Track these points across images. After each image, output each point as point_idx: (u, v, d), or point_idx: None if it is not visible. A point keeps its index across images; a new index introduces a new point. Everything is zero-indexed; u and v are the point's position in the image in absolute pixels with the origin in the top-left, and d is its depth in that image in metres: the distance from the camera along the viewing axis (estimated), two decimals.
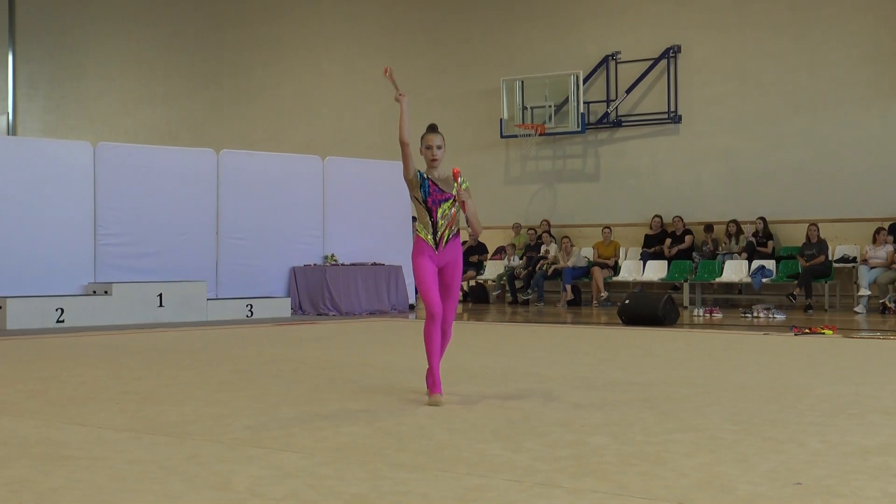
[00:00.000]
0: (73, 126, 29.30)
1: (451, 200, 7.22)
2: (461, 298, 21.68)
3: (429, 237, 7.23)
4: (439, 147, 7.30)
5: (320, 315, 17.46)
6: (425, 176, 7.24)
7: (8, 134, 30.98)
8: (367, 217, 19.11)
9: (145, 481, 4.91)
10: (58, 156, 16.46)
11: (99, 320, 15.35)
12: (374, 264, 18.72)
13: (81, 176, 16.30)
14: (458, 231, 7.44)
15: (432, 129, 7.38)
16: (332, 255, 18.40)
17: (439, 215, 7.21)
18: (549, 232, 21.49)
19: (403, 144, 7.27)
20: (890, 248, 17.71)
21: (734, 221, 19.76)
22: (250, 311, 16.78)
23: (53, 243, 15.80)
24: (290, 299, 17.74)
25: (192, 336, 13.55)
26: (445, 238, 7.24)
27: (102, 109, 29.66)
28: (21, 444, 5.86)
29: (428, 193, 7.21)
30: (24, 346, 12.24)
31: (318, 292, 17.81)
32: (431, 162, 7.26)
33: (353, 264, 18.51)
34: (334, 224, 18.68)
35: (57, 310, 15.16)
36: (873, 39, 18.73)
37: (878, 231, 17.98)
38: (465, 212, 7.32)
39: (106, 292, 15.76)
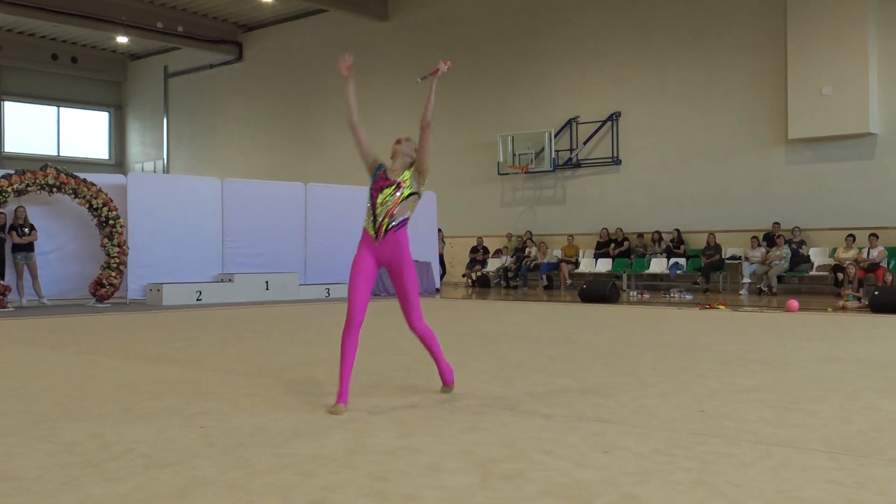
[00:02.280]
0: (207, 167, 29.39)
1: (393, 186, 5.26)
2: (469, 284, 21.74)
3: (370, 227, 5.23)
4: (406, 140, 5.61)
5: (376, 295, 17.51)
6: (383, 165, 5.47)
7: (164, 172, 31.13)
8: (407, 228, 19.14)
9: (257, 408, 4.98)
10: (197, 187, 16.54)
11: (225, 299, 15.45)
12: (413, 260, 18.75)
13: (213, 201, 16.40)
14: (404, 223, 5.28)
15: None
16: None
17: (378, 201, 5.20)
18: (531, 239, 21.51)
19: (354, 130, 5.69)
20: (763, 250, 17.72)
21: (657, 231, 19.76)
22: (328, 292, 16.84)
23: (195, 246, 15.91)
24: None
25: (288, 310, 13.63)
26: (384, 227, 5.17)
27: (227, 155, 29.76)
28: (172, 383, 5.95)
29: (374, 181, 5.35)
30: (174, 317, 12.34)
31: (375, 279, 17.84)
32: (393, 153, 5.55)
33: None
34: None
35: (197, 291, 15.25)
36: (752, 107, 18.71)
37: (753, 238, 18.00)
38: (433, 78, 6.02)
39: (230, 280, 15.85)
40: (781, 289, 17.54)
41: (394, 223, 5.21)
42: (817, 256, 17.64)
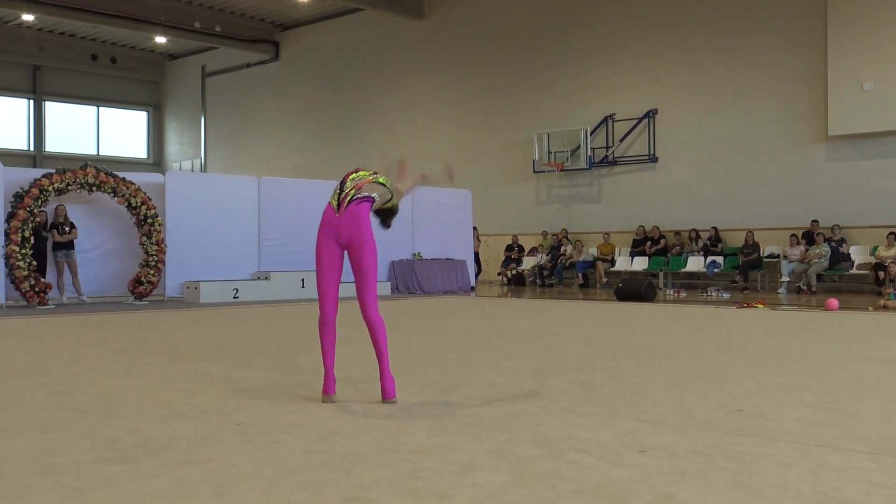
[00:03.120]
0: (244, 166, 29.59)
1: (371, 172, 5.25)
2: (504, 282, 21.71)
3: (334, 200, 5.09)
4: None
5: (410, 293, 17.55)
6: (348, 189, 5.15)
7: (201, 171, 31.42)
8: (442, 227, 19.17)
9: (293, 405, 5.00)
10: (234, 186, 16.67)
11: (261, 297, 15.55)
12: (447, 259, 18.78)
13: (250, 200, 16.52)
14: (368, 200, 5.07)
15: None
16: (419, 253, 18.47)
17: (350, 177, 5.16)
18: (566, 237, 21.44)
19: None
20: (802, 248, 17.54)
21: (694, 230, 19.61)
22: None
23: (232, 244, 16.03)
24: (390, 283, 17.84)
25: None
26: (349, 198, 5.02)
27: (263, 155, 29.97)
28: (209, 380, 6.00)
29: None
30: (212, 314, 12.44)
31: (410, 277, 17.90)
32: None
33: (433, 259, 18.58)
34: (419, 231, 18.76)
35: (234, 289, 15.36)
36: (792, 104, 18.51)
37: (792, 236, 17.82)
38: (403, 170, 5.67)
39: (266, 277, 15.94)
40: (821, 287, 17.34)
41: (358, 195, 5.06)
42: (858, 255, 17.43)
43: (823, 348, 7.73)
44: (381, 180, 5.24)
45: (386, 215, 5.50)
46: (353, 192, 5.07)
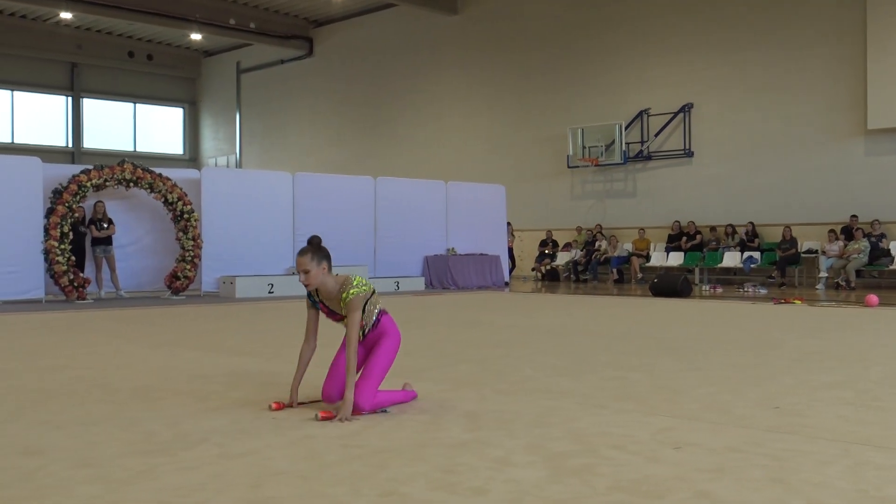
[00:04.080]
0: (279, 162, 29.79)
1: (342, 321, 4.70)
2: (538, 278, 21.67)
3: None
4: (306, 271, 4.58)
5: (444, 289, 17.57)
6: (316, 299, 4.81)
7: (236, 167, 31.64)
8: (476, 222, 19.17)
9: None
10: (269, 182, 16.78)
11: (296, 292, 15.57)
12: (481, 254, 18.77)
13: (285, 195, 16.62)
14: (379, 318, 4.73)
15: (301, 251, 4.61)
16: (453, 248, 18.48)
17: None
18: (601, 232, 21.36)
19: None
20: (841, 243, 17.35)
21: (730, 225, 19.44)
22: (397, 286, 16.94)
23: (267, 240, 16.13)
24: (423, 278, 17.87)
25: None
26: (364, 332, 4.72)
27: (297, 150, 30.12)
28: (245, 374, 6.04)
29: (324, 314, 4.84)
30: (247, 309, 12.53)
31: (444, 273, 17.92)
32: (306, 286, 4.71)
33: (466, 254, 18.58)
34: (453, 227, 18.77)
35: (269, 284, 15.47)
36: (830, 97, 18.29)
37: (831, 231, 17.62)
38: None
39: None
40: (860, 283, 17.13)
41: (368, 328, 4.74)
42: None
43: (863, 345, 7.63)
44: (356, 317, 4.61)
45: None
46: (365, 328, 4.72)
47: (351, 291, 4.59)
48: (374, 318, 4.74)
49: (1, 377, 5.94)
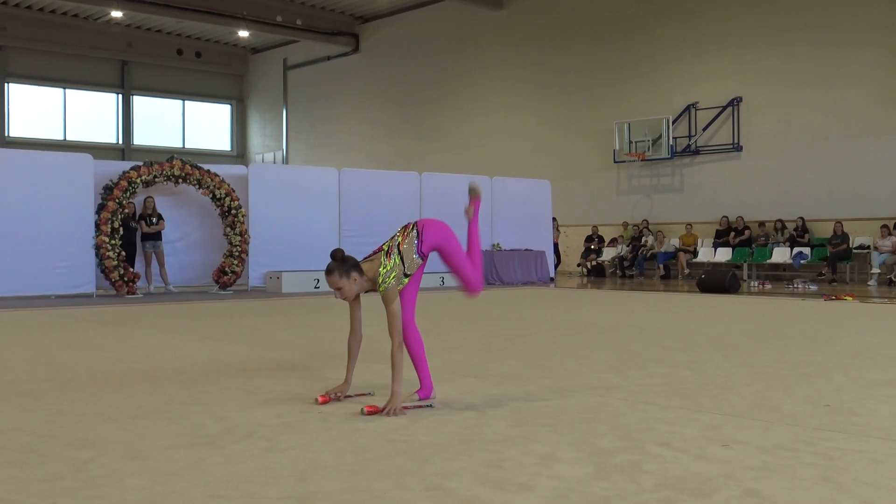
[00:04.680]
0: (325, 157, 29.97)
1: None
2: (584, 273, 21.59)
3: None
4: (338, 288, 4.56)
5: (489, 284, 17.54)
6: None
7: (283, 163, 31.89)
8: (521, 218, 19.12)
9: (374, 394, 5.04)
10: (315, 177, 16.87)
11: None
12: (526, 250, 18.72)
13: (331, 191, 16.70)
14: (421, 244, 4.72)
15: (327, 270, 4.58)
16: (498, 244, 18.45)
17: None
18: (647, 227, 21.21)
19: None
20: (893, 239, 17.06)
21: (780, 220, 19.19)
22: (442, 281, 16.94)
23: (313, 235, 16.20)
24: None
25: None
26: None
27: (344, 146, 30.28)
28: (291, 368, 6.09)
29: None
30: (293, 304, 12.63)
31: (489, 268, 17.89)
32: (345, 300, 4.68)
33: (512, 249, 18.54)
34: (498, 222, 18.73)
35: (315, 279, 15.56)
36: (884, 89, 17.96)
37: (883, 227, 17.33)
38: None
39: None
40: None
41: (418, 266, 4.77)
42: None
43: None
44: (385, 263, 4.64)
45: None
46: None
47: (381, 288, 4.58)
48: (415, 256, 4.69)
49: (55, 370, 6.05)
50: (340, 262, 4.57)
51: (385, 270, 4.60)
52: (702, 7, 20.82)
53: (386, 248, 4.69)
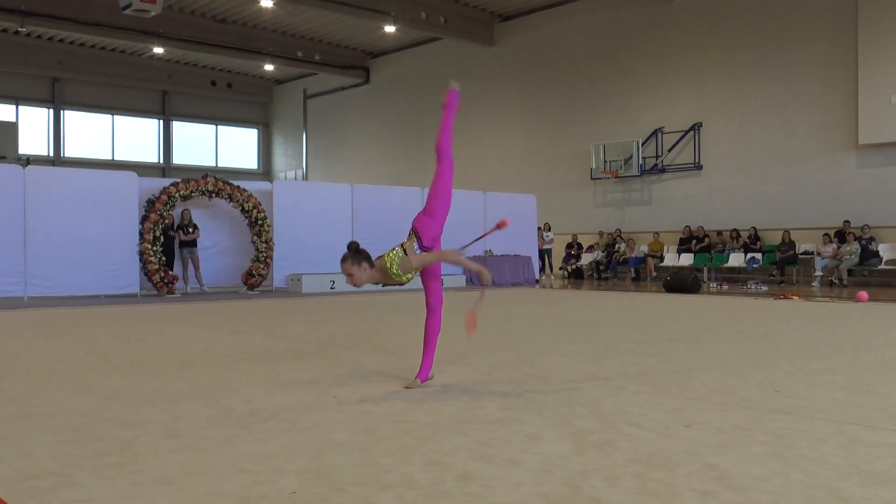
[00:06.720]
0: (340, 175, 29.97)
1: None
2: (565, 276, 21.57)
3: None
4: (350, 274, 4.56)
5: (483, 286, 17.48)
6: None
7: (303, 179, 31.86)
8: (510, 228, 19.05)
9: (382, 381, 5.03)
10: (331, 193, 16.86)
11: (355, 288, 15.66)
12: (515, 255, 18.70)
13: (345, 204, 16.70)
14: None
15: (342, 258, 4.63)
16: (490, 250, 18.43)
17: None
18: (620, 236, 21.19)
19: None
20: (834, 246, 17.05)
21: (735, 229, 19.19)
22: (442, 283, 16.89)
23: (329, 242, 16.13)
24: (465, 275, 17.82)
25: (411, 297, 13.75)
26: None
27: (356, 165, 30.25)
28: (310, 359, 6.07)
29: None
30: (312, 303, 12.62)
31: None
32: (355, 286, 4.65)
33: (502, 255, 18.52)
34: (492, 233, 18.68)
35: (331, 281, 15.54)
36: (825, 116, 17.98)
37: (825, 235, 17.33)
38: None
39: None
40: (851, 281, 16.81)
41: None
42: (886, 252, 16.86)
43: (854, 336, 7.48)
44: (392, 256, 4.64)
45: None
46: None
47: (394, 271, 4.56)
48: (418, 252, 4.73)
49: (104, 360, 6.04)
50: (354, 253, 4.59)
51: (390, 258, 4.64)
52: (667, 44, 20.84)
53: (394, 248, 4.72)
